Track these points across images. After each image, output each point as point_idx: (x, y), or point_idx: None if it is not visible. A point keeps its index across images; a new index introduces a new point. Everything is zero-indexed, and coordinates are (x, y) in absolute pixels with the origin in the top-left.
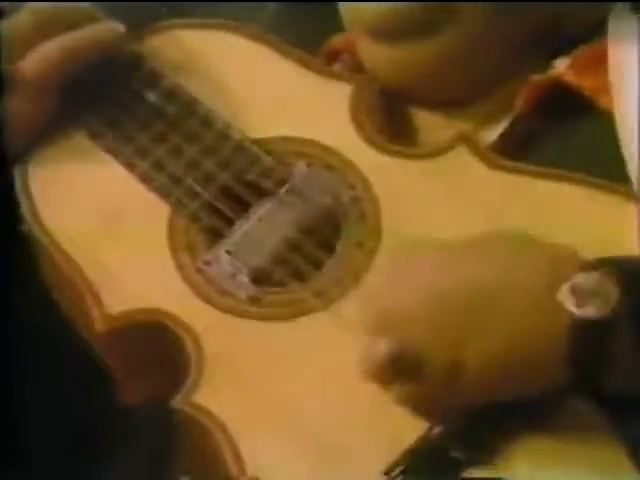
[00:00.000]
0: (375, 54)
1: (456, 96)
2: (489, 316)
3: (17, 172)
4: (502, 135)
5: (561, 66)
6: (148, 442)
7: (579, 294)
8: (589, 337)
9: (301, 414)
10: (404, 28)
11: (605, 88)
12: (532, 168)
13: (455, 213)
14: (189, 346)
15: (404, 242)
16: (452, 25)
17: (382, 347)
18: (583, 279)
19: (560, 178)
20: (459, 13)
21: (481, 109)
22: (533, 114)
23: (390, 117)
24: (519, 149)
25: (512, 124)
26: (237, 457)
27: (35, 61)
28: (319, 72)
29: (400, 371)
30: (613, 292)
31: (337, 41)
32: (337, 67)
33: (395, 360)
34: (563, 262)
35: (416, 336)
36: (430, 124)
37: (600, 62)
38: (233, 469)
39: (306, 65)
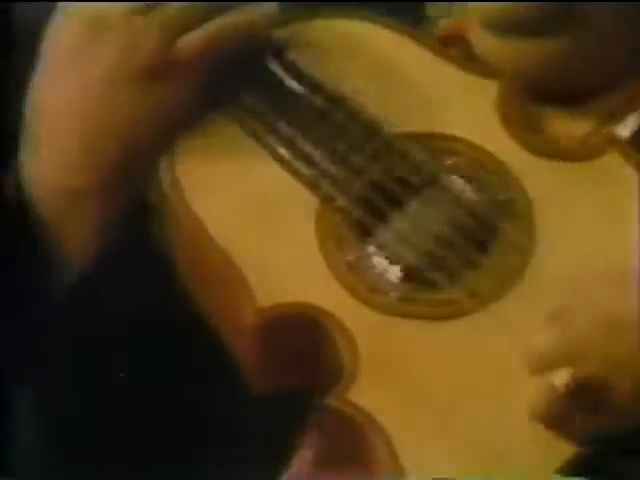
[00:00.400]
0: (491, 46)
1: (576, 93)
2: None
3: (165, 161)
4: (635, 133)
5: None
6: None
7: None
8: None
9: (458, 415)
10: (525, 24)
11: None
12: None
13: (608, 220)
14: (342, 343)
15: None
16: (577, 25)
17: (562, 378)
18: None
19: None
20: (584, 13)
21: (603, 107)
22: None
23: (528, 115)
24: None
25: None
26: (394, 457)
27: (191, 40)
28: (465, 68)
29: (581, 401)
30: None
31: (449, 27)
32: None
33: (576, 390)
34: None
35: (596, 363)
36: (552, 121)
37: None
38: (389, 469)
39: (452, 61)
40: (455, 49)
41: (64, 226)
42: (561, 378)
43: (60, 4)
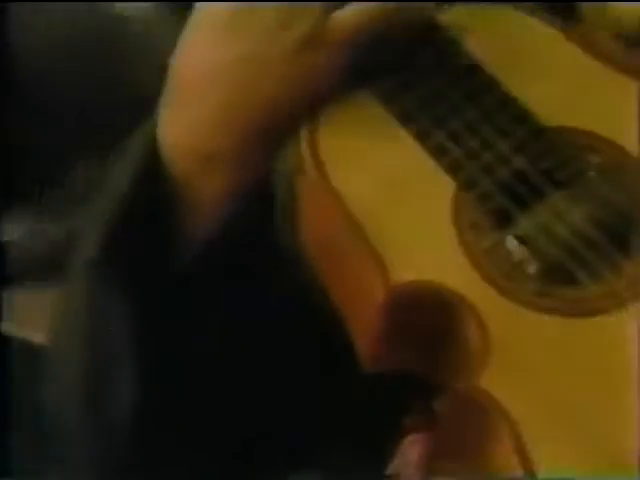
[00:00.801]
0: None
1: None
2: None
3: (306, 133)
4: None
5: None
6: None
7: None
8: None
9: (584, 410)
10: None
11: None
12: None
13: None
14: (473, 328)
15: None
16: None
17: None
18: None
19: None
20: None
21: None
22: None
23: None
24: None
25: None
26: (523, 452)
27: (352, 12)
28: (613, 65)
29: None
30: None
31: None
32: None
33: None
34: None
35: None
36: None
37: None
38: (517, 459)
39: (600, 57)
40: None
41: (194, 190)
42: None
43: None
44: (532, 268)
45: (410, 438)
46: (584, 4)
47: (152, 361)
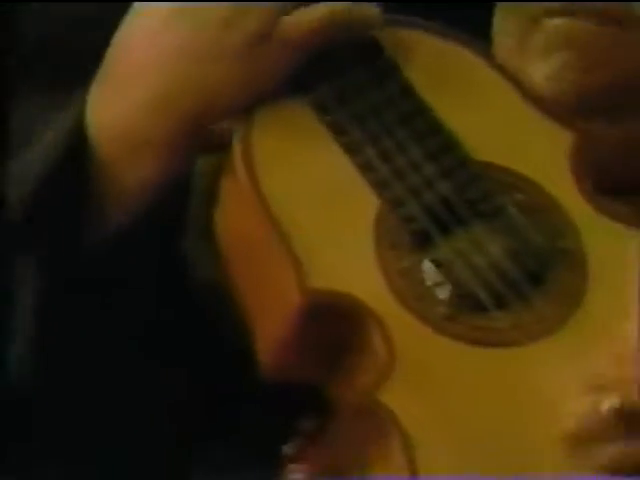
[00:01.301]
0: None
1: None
2: None
3: (240, 129)
4: None
5: None
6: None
7: None
8: None
9: (480, 440)
10: (586, 108)
11: None
12: None
13: None
14: (378, 343)
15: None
16: (632, 114)
17: (610, 402)
18: None
19: None
20: None
21: None
22: None
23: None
24: None
25: None
26: (411, 463)
27: (302, 15)
28: (545, 112)
29: (623, 428)
30: None
31: None
32: None
33: (622, 416)
34: None
35: None
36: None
37: None
38: (406, 472)
39: (533, 102)
40: None
41: (116, 174)
42: (609, 401)
43: None
44: (444, 293)
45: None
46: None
47: (49, 335)
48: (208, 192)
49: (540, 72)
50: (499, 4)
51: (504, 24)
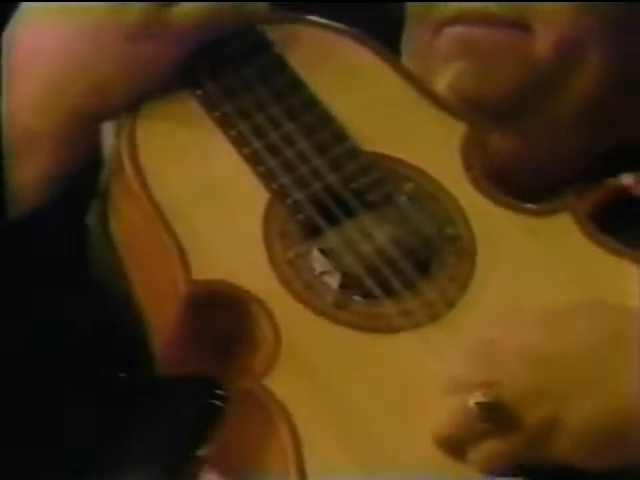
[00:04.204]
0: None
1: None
2: (595, 380)
3: (125, 119)
4: None
5: (628, 179)
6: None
7: None
8: None
9: (365, 425)
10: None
11: None
12: (629, 252)
13: (547, 276)
14: (267, 330)
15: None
16: (535, 118)
17: (476, 398)
18: None
19: None
20: (544, 109)
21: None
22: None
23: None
24: None
25: None
26: (297, 448)
27: (185, 9)
28: (437, 103)
29: (492, 423)
30: None
31: None
32: None
33: (489, 411)
34: None
35: (512, 390)
36: None
37: None
38: (292, 459)
39: (424, 92)
40: None
41: (16, 168)
42: (475, 399)
43: None
44: (333, 281)
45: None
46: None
47: None
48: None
49: (442, 80)
50: (408, 14)
51: (412, 34)
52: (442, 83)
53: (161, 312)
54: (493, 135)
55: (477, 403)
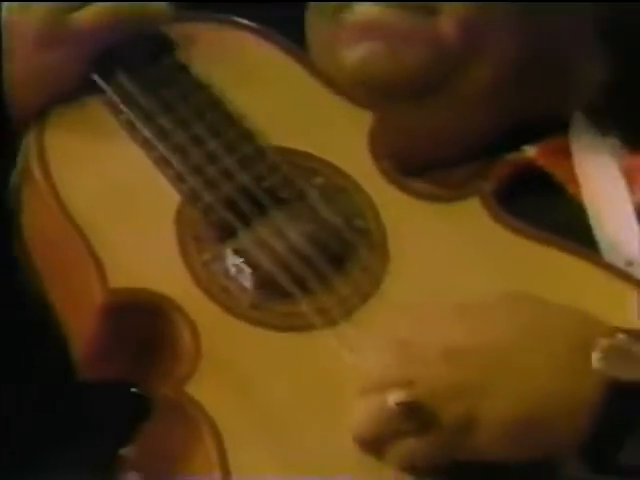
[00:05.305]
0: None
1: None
2: (511, 375)
3: (34, 128)
4: None
5: (531, 152)
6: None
7: (614, 357)
8: (622, 401)
9: (289, 426)
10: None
11: (574, 178)
12: (537, 233)
13: (460, 265)
14: (186, 336)
15: (411, 283)
16: (441, 97)
17: (395, 397)
18: (618, 342)
19: (562, 248)
20: (450, 88)
21: (448, 180)
22: (504, 191)
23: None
24: None
25: None
26: (222, 453)
27: (87, 12)
28: (342, 94)
29: (411, 422)
30: None
31: None
32: None
33: (407, 410)
34: (591, 327)
35: (430, 388)
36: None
37: (566, 154)
38: (216, 464)
39: (330, 85)
40: None
41: None
42: (393, 398)
43: None
44: (248, 282)
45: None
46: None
47: None
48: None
49: (350, 58)
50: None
51: (316, 15)
52: (349, 62)
53: (78, 319)
54: (400, 112)
55: (396, 402)
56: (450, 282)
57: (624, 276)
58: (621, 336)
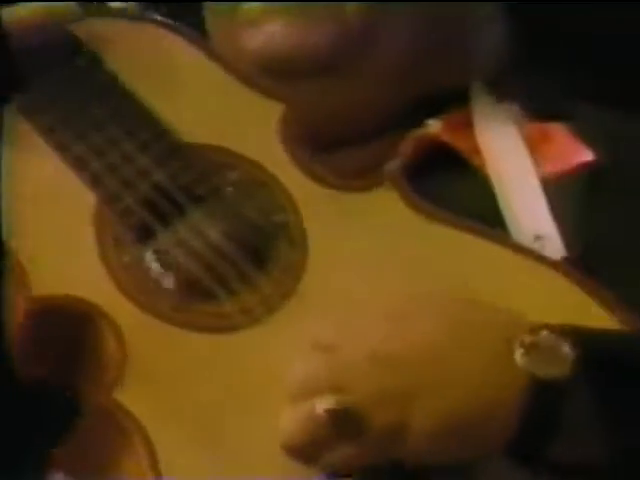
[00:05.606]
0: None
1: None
2: (439, 377)
3: None
4: None
5: (436, 126)
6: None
7: (537, 354)
8: (546, 398)
9: (218, 429)
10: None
11: (477, 150)
12: (452, 218)
13: (379, 258)
14: (110, 342)
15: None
16: (347, 74)
17: (324, 404)
18: (541, 339)
19: (480, 233)
20: (356, 65)
21: (357, 157)
22: (412, 169)
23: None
24: None
25: None
26: (153, 461)
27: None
28: (251, 85)
29: (341, 429)
30: (569, 354)
31: None
32: None
33: (338, 417)
34: (515, 323)
35: (360, 393)
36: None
37: (469, 126)
38: (147, 470)
39: (238, 76)
40: None
41: None
42: (322, 404)
43: None
44: (170, 283)
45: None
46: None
47: None
48: None
49: (253, 41)
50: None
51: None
52: (252, 44)
53: (13, 321)
54: (305, 93)
55: (325, 409)
56: (368, 278)
57: (538, 258)
58: (544, 333)
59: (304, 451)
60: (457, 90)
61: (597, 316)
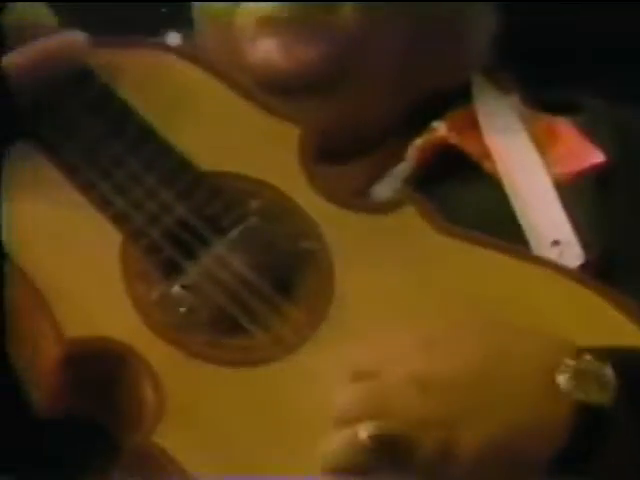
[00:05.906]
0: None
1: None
2: (483, 403)
3: None
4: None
5: (441, 128)
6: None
7: (580, 379)
8: (590, 423)
9: (258, 464)
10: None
11: (487, 153)
12: (477, 236)
13: (409, 283)
14: (145, 381)
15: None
16: (345, 85)
17: (367, 430)
18: (584, 364)
19: (506, 250)
20: (352, 75)
21: (364, 167)
22: (423, 176)
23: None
24: None
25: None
26: None
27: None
28: (267, 109)
29: (386, 455)
30: (612, 379)
31: None
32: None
33: (381, 443)
34: (557, 347)
35: (403, 419)
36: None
37: (474, 124)
38: None
39: (254, 100)
40: None
41: None
42: (366, 430)
43: None
44: (199, 318)
45: None
46: None
47: None
48: None
49: (249, 57)
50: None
51: (206, 16)
52: (254, 57)
53: (39, 370)
54: (309, 106)
55: (369, 435)
56: (399, 303)
57: (567, 273)
58: (587, 357)
59: (348, 478)
60: (458, 87)
61: (632, 334)
